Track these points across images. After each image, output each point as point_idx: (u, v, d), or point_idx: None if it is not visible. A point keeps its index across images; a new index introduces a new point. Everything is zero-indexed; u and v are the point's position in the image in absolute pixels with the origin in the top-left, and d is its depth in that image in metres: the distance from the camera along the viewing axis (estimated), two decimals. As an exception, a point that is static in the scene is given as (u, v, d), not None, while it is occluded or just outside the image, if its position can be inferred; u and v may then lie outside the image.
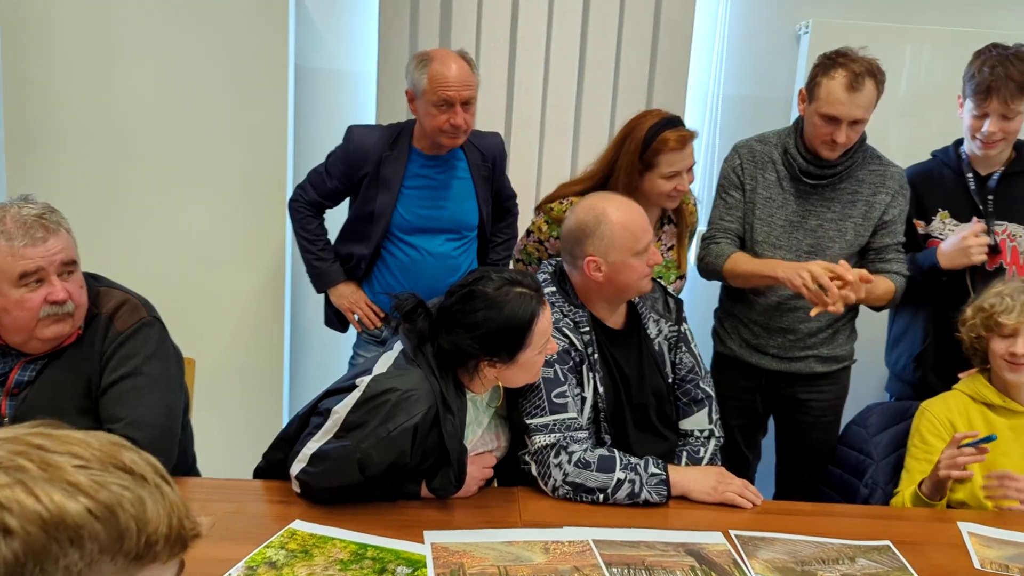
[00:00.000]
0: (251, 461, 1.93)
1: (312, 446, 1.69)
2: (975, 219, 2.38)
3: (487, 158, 2.54)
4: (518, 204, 2.76)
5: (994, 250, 2.34)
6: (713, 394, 2.10)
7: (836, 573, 1.60)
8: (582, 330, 1.95)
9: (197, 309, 2.89)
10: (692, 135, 2.25)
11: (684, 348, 2.10)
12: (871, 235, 2.37)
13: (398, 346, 1.80)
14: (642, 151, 2.22)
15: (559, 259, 2.07)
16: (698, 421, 2.07)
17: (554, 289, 1.99)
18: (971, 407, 2.11)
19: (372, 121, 2.95)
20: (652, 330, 2.08)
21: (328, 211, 2.60)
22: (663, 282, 2.20)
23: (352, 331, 2.66)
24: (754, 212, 2.37)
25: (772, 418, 2.59)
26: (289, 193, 2.87)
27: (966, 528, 1.82)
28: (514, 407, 1.89)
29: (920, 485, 2.00)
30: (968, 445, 1.91)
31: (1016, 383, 2.06)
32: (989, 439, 1.91)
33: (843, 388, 2.51)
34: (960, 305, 2.20)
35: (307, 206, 2.56)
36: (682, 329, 2.11)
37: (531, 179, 3.00)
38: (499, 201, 2.66)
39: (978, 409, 2.10)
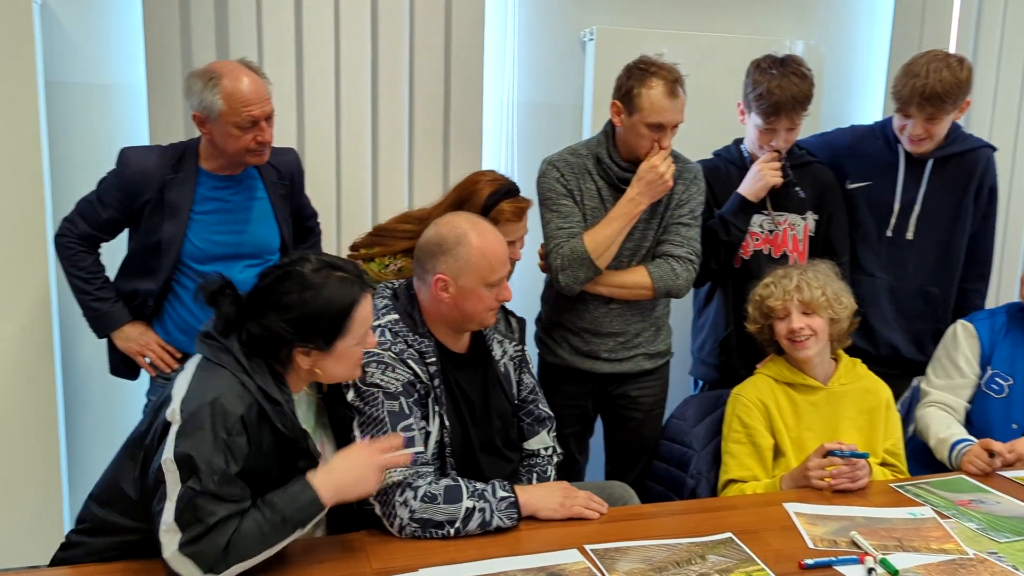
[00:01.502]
0: (31, 543, 1.65)
1: (170, 511, 1.46)
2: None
3: (284, 175, 2.37)
4: (320, 223, 2.61)
5: (786, 171, 2.51)
6: (552, 414, 2.10)
7: (692, 574, 1.62)
8: (428, 361, 1.85)
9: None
10: (528, 205, 2.23)
11: (526, 369, 2.07)
12: None
13: (194, 361, 1.61)
14: None
15: (396, 282, 1.97)
16: (542, 440, 2.07)
17: (396, 317, 1.88)
18: (776, 388, 2.26)
19: (146, 139, 2.65)
20: (497, 352, 2.03)
21: (104, 244, 2.32)
22: None
23: (144, 377, 2.39)
24: (585, 223, 2.38)
25: (600, 419, 2.63)
26: (50, 226, 2.54)
27: (792, 509, 1.93)
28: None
29: (781, 484, 2.11)
30: (835, 455, 2.02)
31: (805, 360, 2.22)
32: (861, 455, 2.04)
33: (666, 381, 2.60)
34: (746, 296, 2.36)
35: (78, 241, 2.26)
36: (524, 349, 2.07)
37: (331, 196, 2.84)
38: (300, 221, 2.50)
39: (782, 389, 2.26)
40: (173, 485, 1.47)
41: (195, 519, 1.45)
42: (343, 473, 1.60)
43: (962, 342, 2.44)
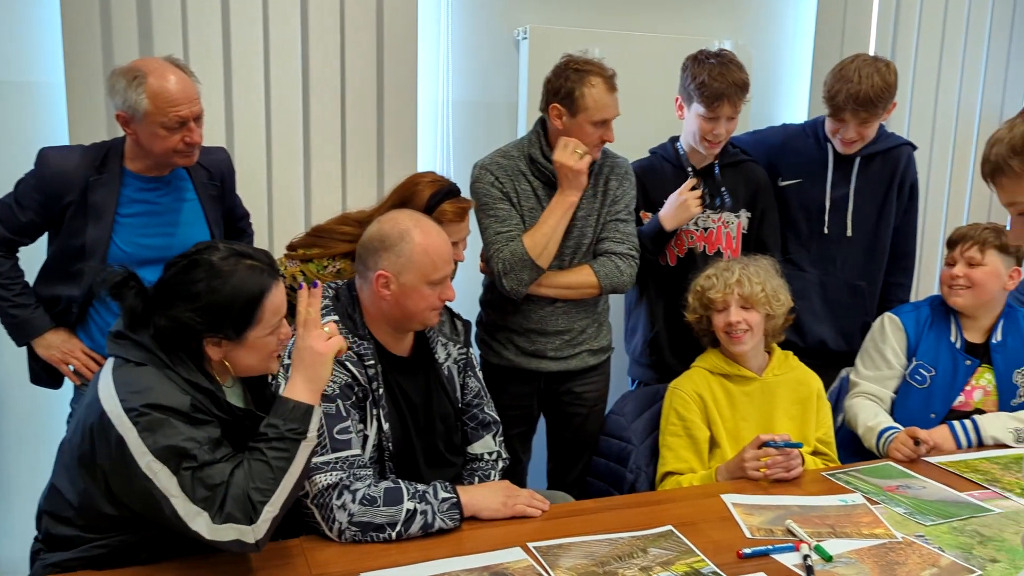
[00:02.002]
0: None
1: (183, 502, 1.44)
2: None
3: (215, 176, 2.32)
4: (252, 224, 2.55)
5: (704, 200, 2.56)
6: (498, 419, 2.10)
7: (634, 568, 1.64)
8: (367, 363, 1.83)
9: None
10: (470, 206, 2.23)
11: (471, 373, 2.06)
12: None
13: (108, 366, 1.55)
14: None
15: (339, 283, 1.93)
16: (486, 444, 2.06)
17: (336, 319, 1.85)
18: (711, 380, 2.30)
19: (65, 139, 2.55)
20: (440, 354, 2.01)
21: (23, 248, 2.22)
22: None
23: (68, 386, 2.30)
24: (523, 225, 2.38)
25: (543, 416, 2.64)
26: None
27: (729, 500, 1.96)
28: None
29: (717, 475, 2.14)
30: (769, 445, 2.06)
31: (741, 353, 2.27)
32: (795, 445, 2.08)
33: (608, 376, 2.63)
34: (681, 292, 2.41)
35: (-6, 245, 2.17)
36: (469, 353, 2.06)
37: (262, 196, 2.77)
38: (231, 222, 2.45)
39: (717, 380, 2.30)
40: (168, 480, 1.44)
41: (208, 489, 1.44)
42: (296, 367, 1.57)
43: (889, 335, 2.51)
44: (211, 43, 2.67)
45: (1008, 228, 2.32)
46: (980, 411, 2.40)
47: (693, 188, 2.52)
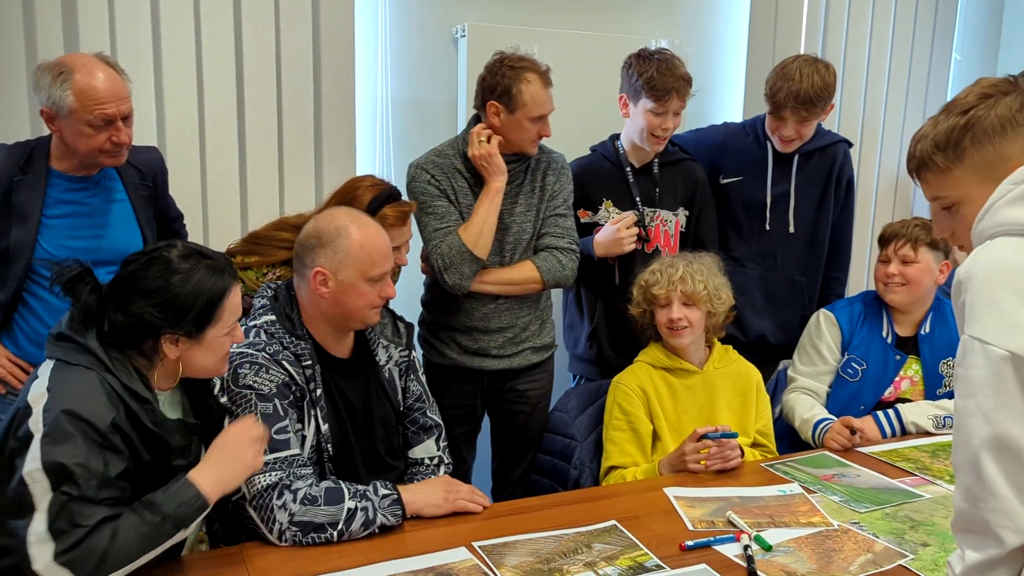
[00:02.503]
0: None
1: (41, 520, 1.37)
2: (632, 211, 2.62)
3: (146, 176, 2.26)
4: (186, 225, 2.49)
5: (642, 238, 2.59)
6: (442, 423, 2.08)
7: (579, 563, 1.64)
8: (304, 363, 1.80)
9: None
10: (411, 209, 2.21)
11: (413, 376, 2.04)
12: None
13: (47, 366, 1.52)
14: None
15: (277, 283, 1.90)
16: (427, 448, 2.04)
17: (273, 318, 1.81)
18: (654, 373, 2.32)
19: (-12, 139, 2.46)
20: (382, 356, 1.99)
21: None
22: None
23: (-8, 394, 2.21)
24: (462, 222, 2.37)
25: (487, 415, 2.64)
26: None
27: (671, 493, 1.99)
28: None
29: (659, 468, 2.17)
30: (708, 437, 2.09)
31: (681, 348, 2.30)
32: (731, 436, 2.11)
33: (552, 374, 2.64)
34: (620, 288, 2.45)
35: (-90, 248, 2.07)
36: (412, 355, 2.04)
37: (196, 197, 2.71)
38: (164, 223, 2.39)
39: (659, 374, 2.33)
40: (42, 495, 1.38)
41: (71, 525, 1.37)
42: (219, 458, 1.55)
43: (824, 331, 2.57)
44: (140, 39, 2.60)
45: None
46: (904, 400, 2.48)
47: (634, 224, 2.55)
